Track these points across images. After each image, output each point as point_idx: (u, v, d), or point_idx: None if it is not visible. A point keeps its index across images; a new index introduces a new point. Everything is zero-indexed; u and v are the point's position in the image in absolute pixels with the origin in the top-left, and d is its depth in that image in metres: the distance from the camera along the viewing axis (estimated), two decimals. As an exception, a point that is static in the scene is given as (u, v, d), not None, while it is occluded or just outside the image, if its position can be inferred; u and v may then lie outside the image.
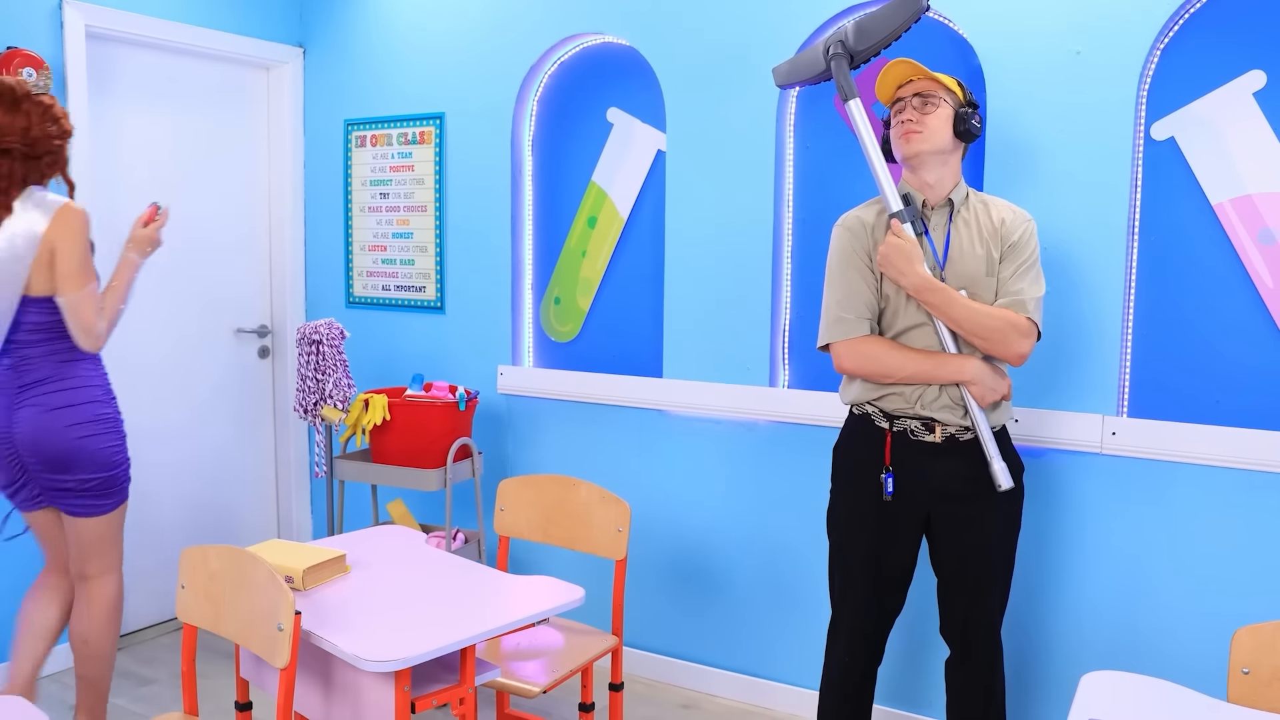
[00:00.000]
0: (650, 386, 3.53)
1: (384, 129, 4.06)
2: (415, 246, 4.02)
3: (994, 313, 2.40)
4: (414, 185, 4.00)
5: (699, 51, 3.36)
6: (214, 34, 3.96)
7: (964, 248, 2.47)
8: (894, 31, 2.50)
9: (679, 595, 3.56)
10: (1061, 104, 2.83)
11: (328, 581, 2.36)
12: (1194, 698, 1.74)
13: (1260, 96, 2.67)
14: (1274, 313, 2.68)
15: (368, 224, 4.15)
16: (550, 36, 3.64)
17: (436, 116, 3.91)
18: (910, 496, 2.50)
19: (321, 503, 4.33)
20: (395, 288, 4.09)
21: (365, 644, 2.00)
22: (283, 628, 1.98)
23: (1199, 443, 2.72)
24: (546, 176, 3.81)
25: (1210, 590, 2.75)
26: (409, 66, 3.98)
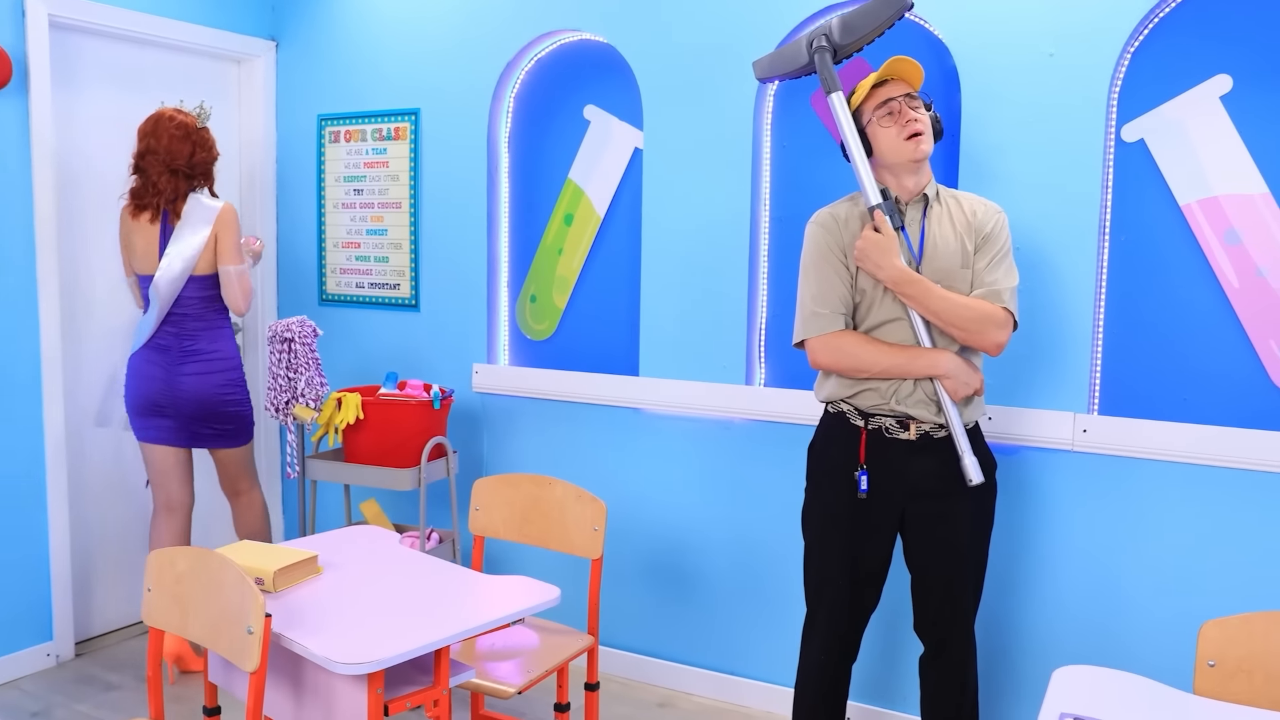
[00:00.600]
0: (626, 385, 3.52)
1: (358, 124, 4.03)
2: (390, 243, 4.00)
3: (971, 303, 2.42)
4: (388, 181, 3.98)
5: (676, 50, 3.36)
6: (183, 25, 3.91)
7: (939, 241, 2.48)
8: (878, 28, 2.51)
9: (654, 594, 3.56)
10: (1034, 105, 2.85)
11: (299, 583, 2.34)
12: (1162, 690, 1.76)
13: (1227, 100, 2.70)
14: (1239, 312, 2.71)
15: (341, 220, 4.12)
16: (527, 33, 3.63)
17: (412, 112, 3.89)
18: (885, 494, 2.51)
19: (293, 503, 4.30)
20: (369, 285, 4.07)
21: (337, 646, 1.99)
22: (252, 630, 1.96)
23: (1168, 440, 2.75)
24: (523, 173, 3.80)
25: (1178, 585, 2.78)
26: (384, 61, 3.96)
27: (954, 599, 2.56)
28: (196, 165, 3.43)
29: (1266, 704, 1.81)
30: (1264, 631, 1.83)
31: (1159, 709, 1.70)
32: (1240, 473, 2.69)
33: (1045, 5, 2.83)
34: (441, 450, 3.54)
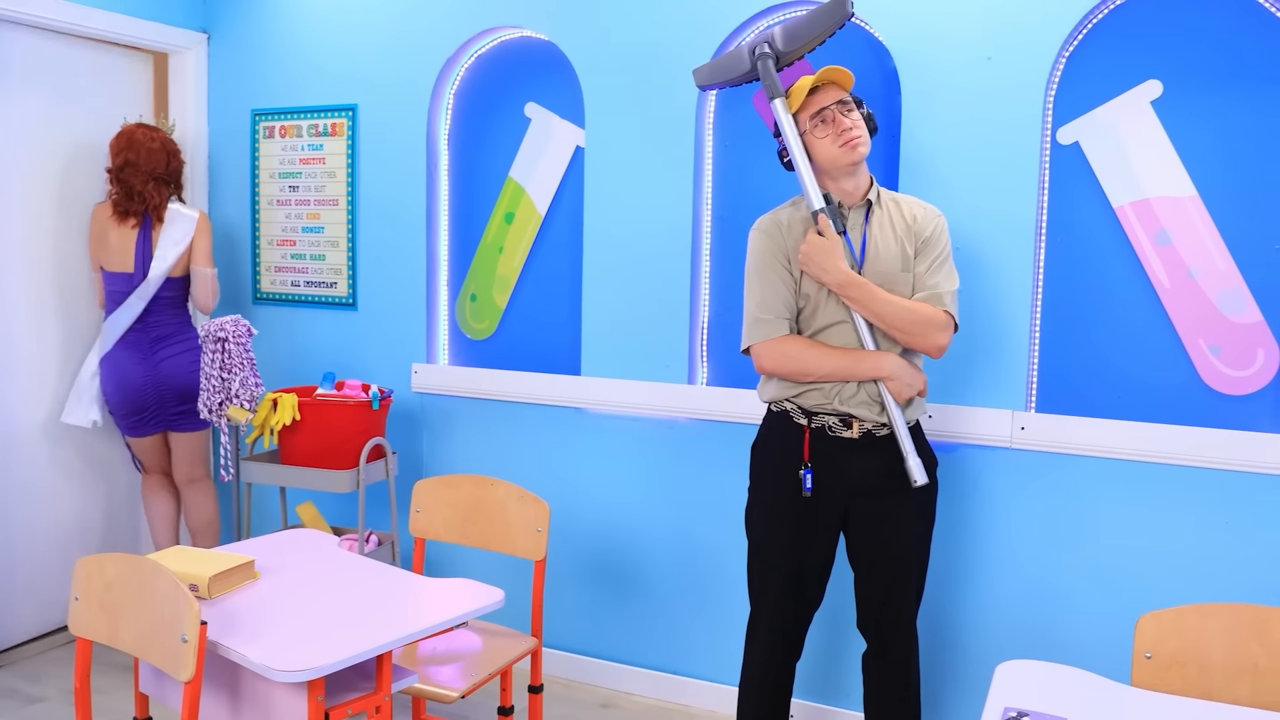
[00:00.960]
0: (568, 384, 3.50)
1: (294, 120, 3.95)
2: (326, 241, 3.93)
3: (914, 307, 2.44)
4: (325, 178, 3.91)
5: (619, 49, 3.34)
6: (108, 15, 3.78)
7: (880, 245, 2.50)
8: (819, 36, 2.53)
9: (596, 594, 3.54)
10: (973, 108, 2.89)
11: (235, 589, 2.28)
12: (1102, 683, 1.79)
13: (1157, 105, 2.76)
14: (1170, 312, 2.77)
15: (276, 218, 4.04)
16: (467, 29, 3.59)
17: (349, 108, 3.83)
18: (828, 492, 2.52)
19: (227, 506, 4.20)
20: (305, 284, 3.99)
21: (276, 654, 1.94)
22: (187, 639, 1.91)
23: (1102, 437, 2.80)
24: (463, 171, 3.76)
25: (1113, 579, 2.84)
26: (320, 55, 3.88)
27: (897, 596, 2.58)
28: (173, 172, 3.74)
29: (1200, 694, 1.85)
30: (1197, 624, 1.86)
31: (1099, 701, 1.72)
32: (1171, 468, 2.75)
33: (983, 10, 2.86)
34: (380, 451, 3.49)
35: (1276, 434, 2.66)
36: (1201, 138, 2.72)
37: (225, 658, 1.99)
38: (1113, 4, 2.78)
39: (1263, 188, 2.67)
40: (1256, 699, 1.82)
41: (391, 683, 2.13)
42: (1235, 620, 1.85)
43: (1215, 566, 2.72)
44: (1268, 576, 2.66)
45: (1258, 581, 2.67)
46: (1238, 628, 1.84)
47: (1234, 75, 2.68)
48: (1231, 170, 2.69)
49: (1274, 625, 1.82)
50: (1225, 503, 2.70)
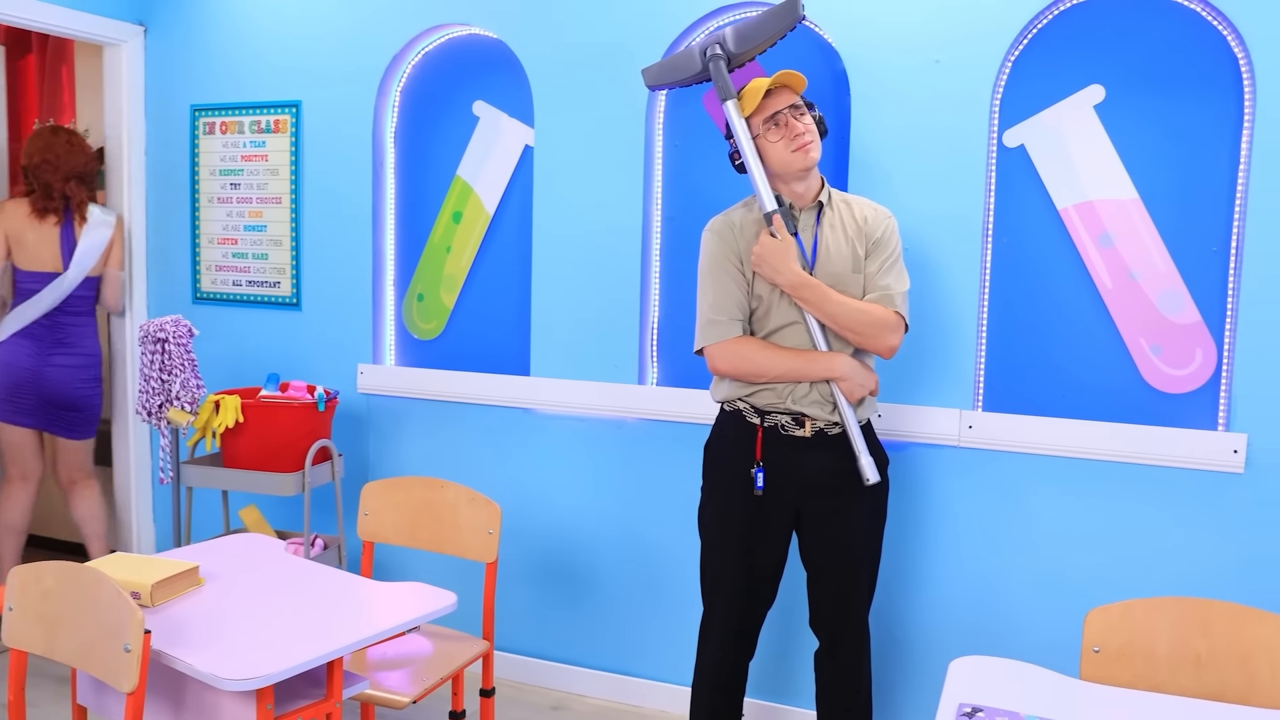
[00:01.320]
0: (517, 385, 3.48)
1: (235, 116, 3.88)
2: (269, 240, 3.86)
3: (865, 308, 2.46)
4: (268, 176, 3.84)
5: (568, 47, 3.33)
6: (38, 5, 3.67)
7: (831, 246, 2.52)
8: (771, 38, 2.54)
9: (547, 596, 3.52)
10: (921, 110, 2.92)
11: (179, 596, 2.23)
12: (1052, 677, 1.82)
13: (1100, 109, 2.81)
14: (1113, 312, 2.82)
15: (217, 216, 3.96)
16: (415, 25, 3.54)
17: (293, 105, 3.76)
18: (781, 491, 2.53)
19: (166, 511, 4.11)
20: (247, 283, 3.92)
21: (223, 662, 1.90)
22: (130, 648, 1.86)
23: (1047, 435, 2.85)
24: (410, 170, 3.71)
25: (1059, 574, 2.88)
26: (263, 51, 3.81)
27: (848, 594, 2.60)
28: (88, 174, 3.82)
29: (1147, 686, 1.88)
30: (1144, 617, 1.90)
31: (1050, 695, 1.75)
32: (1114, 465, 2.80)
33: (931, 14, 2.89)
34: (326, 454, 3.43)
35: (1214, 431, 2.72)
36: (1142, 141, 2.77)
37: (170, 667, 1.94)
38: (1056, 10, 2.82)
39: (1201, 191, 2.73)
40: (1200, 689, 1.86)
41: (343, 689, 2.10)
42: (1180, 614, 1.88)
43: (1157, 561, 2.78)
44: (1207, 570, 2.72)
45: (1197, 575, 2.73)
46: (1182, 621, 1.88)
47: (1173, 81, 2.74)
48: (1171, 173, 2.75)
49: (1217, 618, 1.86)
50: (1166, 499, 2.76)
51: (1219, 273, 2.72)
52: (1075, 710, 1.68)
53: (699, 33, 3.22)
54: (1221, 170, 2.71)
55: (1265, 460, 2.65)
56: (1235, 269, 2.70)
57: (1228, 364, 2.72)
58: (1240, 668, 1.83)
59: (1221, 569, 2.71)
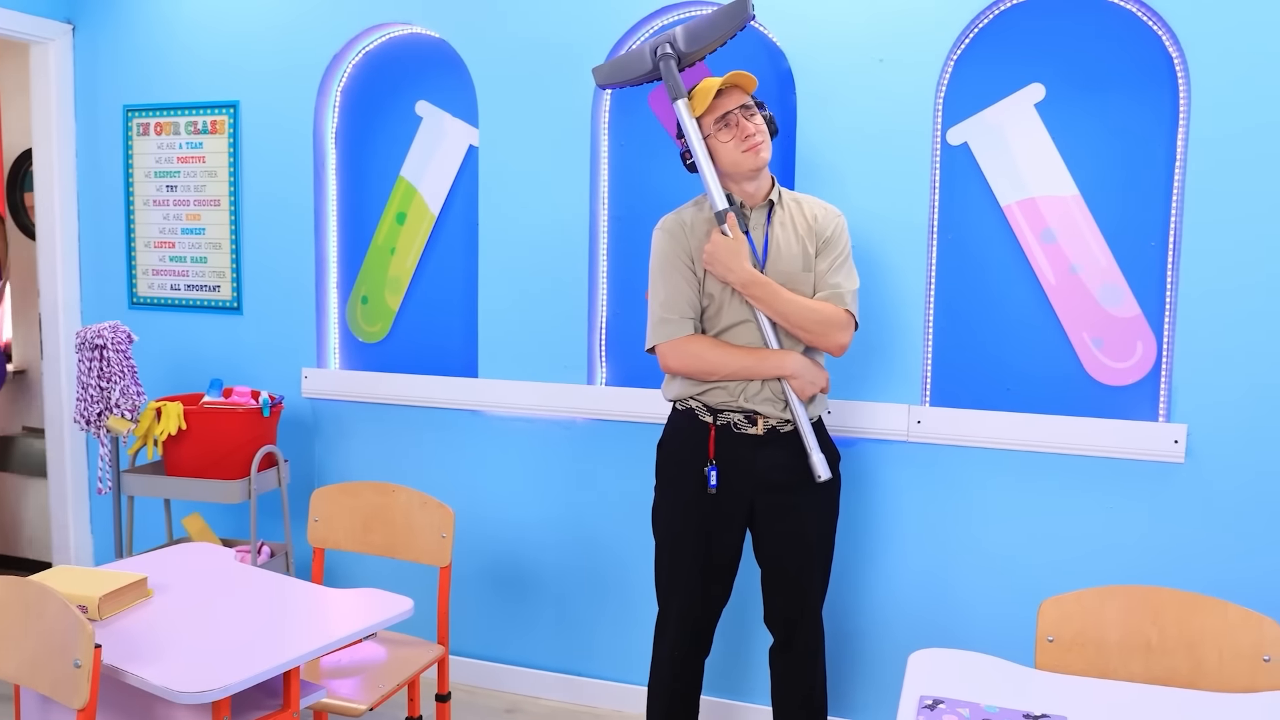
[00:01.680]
0: (465, 387, 3.45)
1: (170, 116, 3.79)
2: (208, 243, 3.78)
3: (816, 306, 2.49)
4: (206, 178, 3.76)
5: (512, 46, 3.31)
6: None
7: (781, 245, 2.53)
8: (721, 37, 2.54)
9: (499, 598, 3.50)
10: (866, 109, 2.95)
11: (128, 609, 2.18)
12: (1009, 667, 1.85)
13: (1041, 107, 2.86)
14: (1056, 306, 2.88)
15: (153, 219, 3.87)
16: (355, 24, 3.50)
17: (230, 105, 3.69)
18: (734, 488, 2.54)
19: (105, 522, 4.01)
20: (186, 287, 3.84)
21: (178, 674, 1.86)
22: (80, 664, 1.81)
23: (994, 428, 2.89)
24: (352, 171, 3.66)
25: (1007, 565, 2.93)
26: (198, 50, 3.73)
27: (802, 590, 2.62)
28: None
29: (1099, 673, 1.92)
30: (1096, 606, 1.94)
31: (1008, 685, 1.78)
32: (1059, 457, 2.86)
33: (875, 14, 2.93)
34: (272, 460, 3.38)
35: (1155, 422, 2.79)
36: (1082, 139, 2.83)
37: (122, 682, 1.90)
38: (997, 10, 2.87)
39: (1139, 187, 2.80)
40: (1149, 675, 1.91)
41: (300, 699, 2.07)
42: (1130, 602, 1.93)
43: (1103, 551, 2.84)
44: (1151, 558, 2.79)
45: (1142, 563, 2.80)
46: (1132, 609, 1.93)
47: (1111, 79, 2.80)
48: (1110, 170, 2.82)
49: (1166, 606, 1.91)
50: (1110, 489, 2.82)
51: (1158, 266, 2.79)
52: (1033, 699, 1.71)
53: (644, 31, 3.22)
54: (1159, 166, 2.77)
55: (1205, 450, 2.72)
56: (1173, 263, 2.77)
57: (1167, 356, 2.79)
58: (1188, 653, 1.88)
59: (1165, 557, 2.78)
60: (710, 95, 2.48)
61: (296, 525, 3.61)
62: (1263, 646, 1.83)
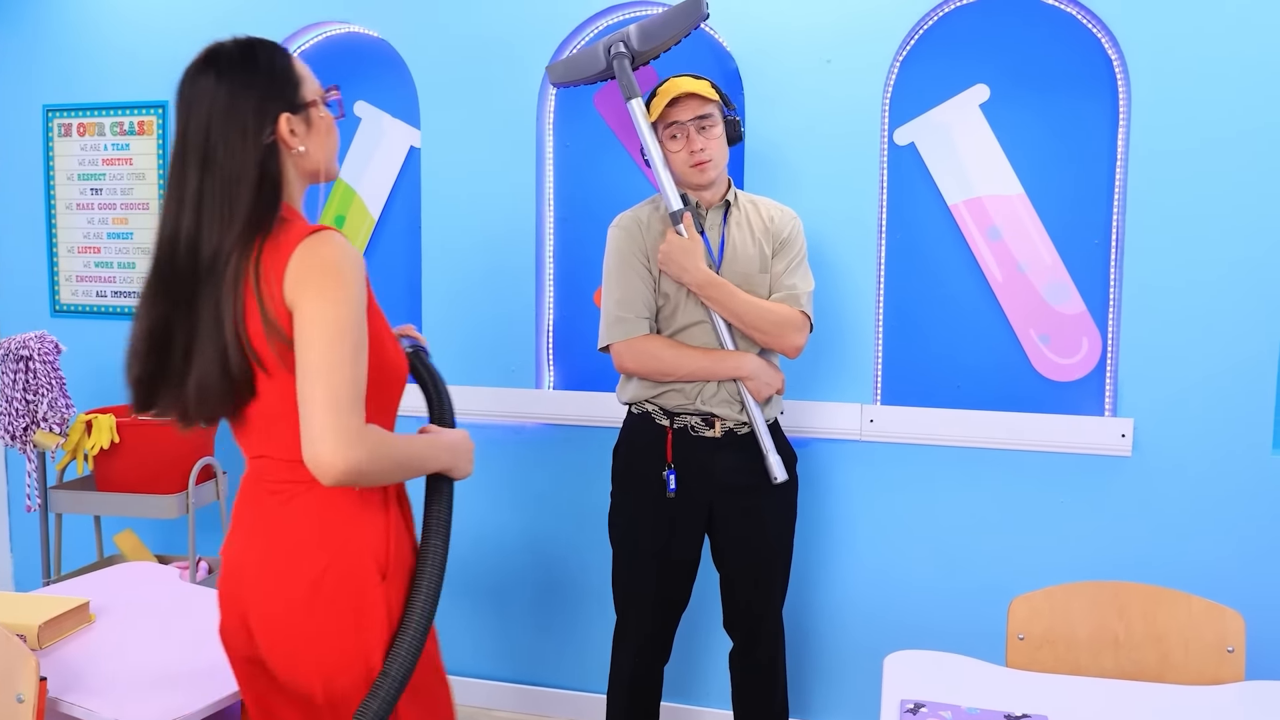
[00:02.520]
0: (407, 393, 3.36)
1: (94, 117, 3.65)
2: (136, 248, 3.65)
3: (772, 308, 2.47)
4: (133, 180, 3.63)
5: (454, 45, 3.24)
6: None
7: (738, 246, 2.52)
8: (675, 36, 2.52)
9: (450, 608, 3.42)
10: (814, 109, 2.95)
11: (69, 635, 2.08)
12: (983, 667, 1.86)
13: (986, 108, 2.89)
14: (1003, 304, 2.92)
15: (76, 223, 3.72)
16: (290, 23, 3.40)
17: (158, 105, 3.56)
18: (692, 492, 2.52)
19: (31, 542, 3.84)
20: (113, 294, 3.70)
21: (128, 704, 1.78)
22: (24, 698, 1.72)
23: (945, 426, 2.92)
24: (286, 173, 3.56)
25: (964, 562, 2.96)
26: (124, 47, 3.59)
27: (762, 593, 2.61)
28: None
29: (1069, 670, 1.94)
30: (1064, 603, 1.96)
31: (984, 685, 1.79)
32: (1010, 453, 2.89)
33: (821, 15, 2.93)
34: (210, 472, 3.26)
35: (1102, 416, 2.84)
36: (1026, 139, 2.87)
37: (66, 715, 1.81)
38: (942, 12, 2.90)
39: (1083, 186, 2.84)
40: (1119, 669, 1.93)
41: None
42: (1097, 597, 1.95)
43: (1056, 545, 2.88)
44: (1104, 551, 2.84)
45: (1095, 557, 2.85)
46: (1100, 604, 1.95)
47: (1054, 81, 2.84)
48: (1054, 169, 2.86)
49: (1132, 600, 1.94)
50: (1060, 483, 2.86)
51: (1101, 264, 2.84)
52: (1012, 699, 1.71)
53: (589, 31, 3.18)
54: (1101, 166, 2.82)
55: (1151, 443, 2.78)
56: (1116, 260, 2.82)
57: (1112, 351, 2.84)
58: (1155, 647, 1.91)
59: (1116, 549, 2.83)
60: (663, 102, 2.46)
61: (235, 539, 3.50)
62: (1226, 638, 1.86)
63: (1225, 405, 2.72)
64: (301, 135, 1.66)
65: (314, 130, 1.69)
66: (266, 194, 1.59)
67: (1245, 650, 1.87)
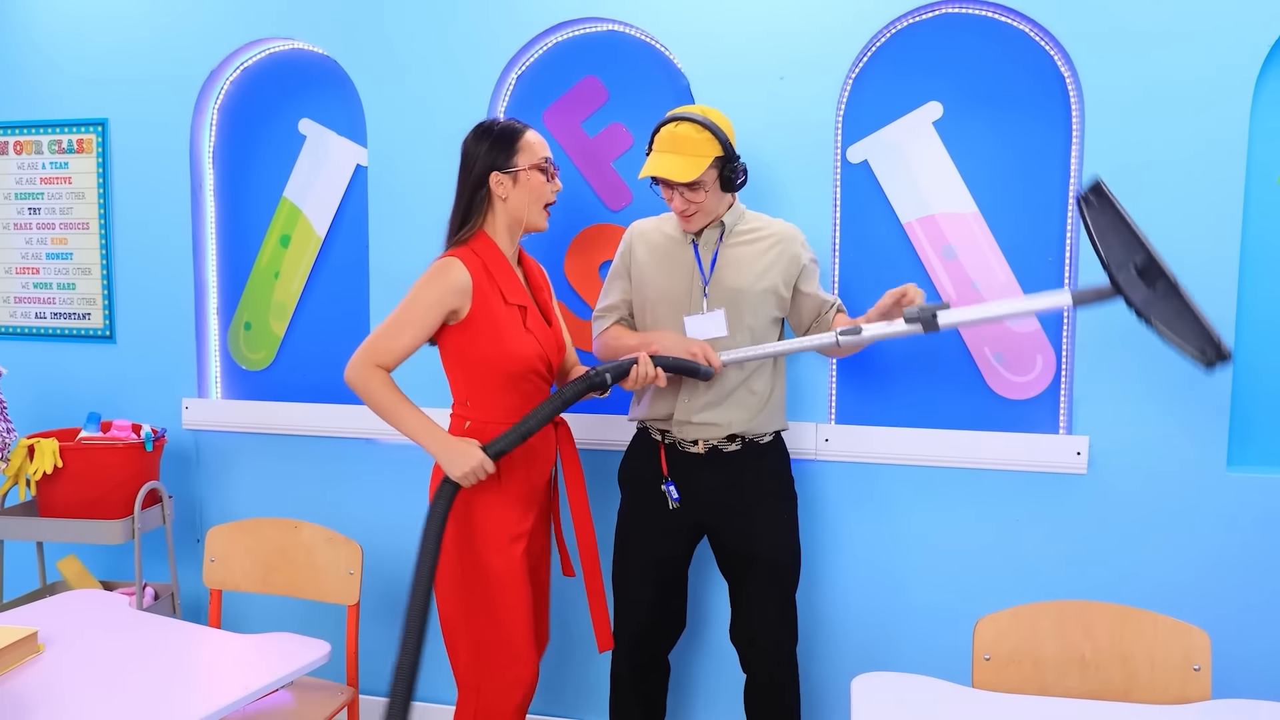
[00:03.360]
0: (358, 414, 3.31)
1: (30, 134, 3.55)
2: (76, 268, 3.55)
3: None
4: (72, 200, 3.53)
5: (401, 62, 3.20)
6: None
7: (730, 265, 2.57)
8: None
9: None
10: (767, 126, 2.95)
11: (16, 667, 2.00)
12: (949, 688, 1.86)
13: (939, 125, 2.92)
14: (958, 322, 2.93)
15: (14, 243, 3.61)
16: (232, 39, 3.34)
17: (98, 123, 3.47)
18: (684, 506, 2.59)
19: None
20: (52, 315, 3.59)
21: (81, 742, 1.72)
22: (-29, 736, 1.66)
23: (900, 444, 2.93)
24: (231, 192, 3.49)
25: (922, 579, 2.96)
26: (61, 64, 3.50)
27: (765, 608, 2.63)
28: None
29: (1036, 689, 1.95)
30: (1030, 623, 1.97)
31: (951, 707, 1.79)
32: (966, 471, 2.91)
33: (773, 33, 2.93)
34: (156, 496, 3.18)
35: (1056, 434, 2.87)
36: (979, 156, 2.90)
37: (14, 754, 1.74)
38: (894, 29, 2.92)
39: (1036, 203, 2.87)
40: (1085, 689, 1.94)
41: (214, 759, 1.93)
42: (1063, 617, 1.96)
43: (1010, 562, 2.89)
44: (1057, 568, 2.86)
45: (1049, 573, 2.87)
46: (1066, 624, 1.96)
47: (1006, 98, 2.87)
48: (1007, 187, 2.89)
49: (1098, 619, 1.95)
50: (1016, 502, 2.88)
51: (1055, 282, 2.87)
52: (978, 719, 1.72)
53: (538, 47, 3.16)
54: (1054, 183, 2.86)
55: (1105, 460, 2.81)
56: (1070, 277, 2.85)
57: (1066, 369, 2.87)
58: (1121, 666, 1.93)
59: (1072, 566, 2.85)
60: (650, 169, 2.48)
61: (185, 565, 3.42)
62: (1192, 656, 1.88)
63: (1180, 422, 2.75)
64: (507, 188, 2.43)
65: (519, 187, 2.44)
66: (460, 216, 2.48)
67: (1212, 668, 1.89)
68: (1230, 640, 2.71)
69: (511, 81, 3.20)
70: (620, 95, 3.12)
